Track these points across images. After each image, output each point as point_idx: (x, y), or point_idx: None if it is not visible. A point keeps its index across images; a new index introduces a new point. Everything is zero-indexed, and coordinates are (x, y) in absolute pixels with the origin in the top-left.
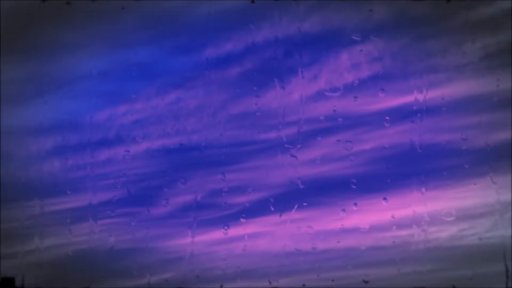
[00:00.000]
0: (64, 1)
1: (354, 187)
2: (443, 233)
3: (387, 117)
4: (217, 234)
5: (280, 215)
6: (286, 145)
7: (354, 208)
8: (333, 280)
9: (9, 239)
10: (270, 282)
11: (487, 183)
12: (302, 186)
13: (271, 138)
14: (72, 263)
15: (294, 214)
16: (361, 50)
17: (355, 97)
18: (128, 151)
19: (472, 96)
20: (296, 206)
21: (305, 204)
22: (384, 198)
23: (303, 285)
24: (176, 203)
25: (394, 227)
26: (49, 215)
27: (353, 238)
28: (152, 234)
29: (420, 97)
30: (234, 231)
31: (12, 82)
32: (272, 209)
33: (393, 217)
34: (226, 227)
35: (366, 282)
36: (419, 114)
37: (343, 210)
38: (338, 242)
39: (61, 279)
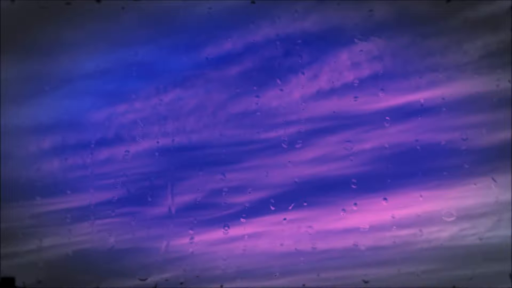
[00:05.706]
0: (64, 1)
1: (354, 187)
2: (443, 233)
3: (387, 117)
4: (217, 234)
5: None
6: (285, 145)
7: (354, 208)
8: (333, 280)
9: (9, 239)
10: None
11: (487, 183)
12: (302, 186)
13: (271, 138)
14: (72, 263)
15: (292, 214)
16: (361, 50)
17: (355, 97)
18: (128, 151)
19: (472, 96)
20: (292, 205)
21: (305, 204)
22: (384, 198)
23: (303, 285)
24: (176, 203)
25: (394, 227)
26: (49, 215)
27: (353, 238)
28: (152, 234)
29: (420, 96)
30: (234, 231)
31: (12, 81)
32: (272, 209)
33: (393, 217)
34: (226, 227)
35: (366, 282)
36: (419, 114)
37: (343, 210)
38: (338, 242)
39: (61, 279)
